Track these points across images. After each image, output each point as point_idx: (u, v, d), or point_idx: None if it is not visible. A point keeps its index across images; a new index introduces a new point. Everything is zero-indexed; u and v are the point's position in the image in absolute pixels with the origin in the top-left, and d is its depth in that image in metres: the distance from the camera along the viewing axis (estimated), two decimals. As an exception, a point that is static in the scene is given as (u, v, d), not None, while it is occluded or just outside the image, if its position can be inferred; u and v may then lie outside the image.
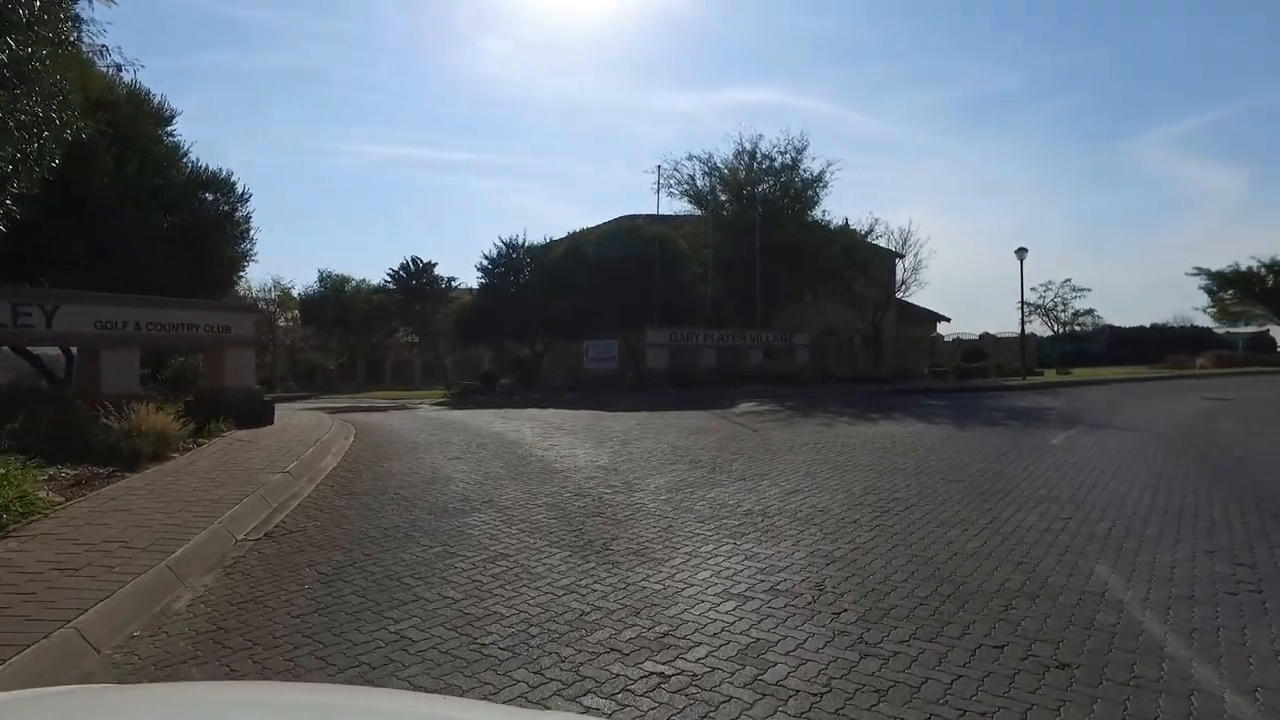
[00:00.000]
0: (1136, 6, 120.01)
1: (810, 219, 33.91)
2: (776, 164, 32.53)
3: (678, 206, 38.80)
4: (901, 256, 35.24)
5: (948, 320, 47.14)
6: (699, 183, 32.96)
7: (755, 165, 32.81)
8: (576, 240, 32.07)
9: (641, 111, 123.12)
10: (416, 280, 38.89)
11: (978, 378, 30.70)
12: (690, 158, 32.66)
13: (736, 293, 32.21)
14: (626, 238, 30.44)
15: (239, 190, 16.65)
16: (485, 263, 34.52)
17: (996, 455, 10.57)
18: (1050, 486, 8.27)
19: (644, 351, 27.48)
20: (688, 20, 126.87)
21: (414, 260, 39.19)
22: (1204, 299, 41.54)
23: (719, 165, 32.81)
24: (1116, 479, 8.71)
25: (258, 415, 13.32)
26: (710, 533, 6.35)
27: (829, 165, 32.55)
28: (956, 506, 7.31)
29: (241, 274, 19.77)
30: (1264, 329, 47.80)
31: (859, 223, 35.23)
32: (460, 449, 11.94)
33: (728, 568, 5.35)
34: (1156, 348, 42.39)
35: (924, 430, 13.57)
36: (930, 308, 47.11)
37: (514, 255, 34.86)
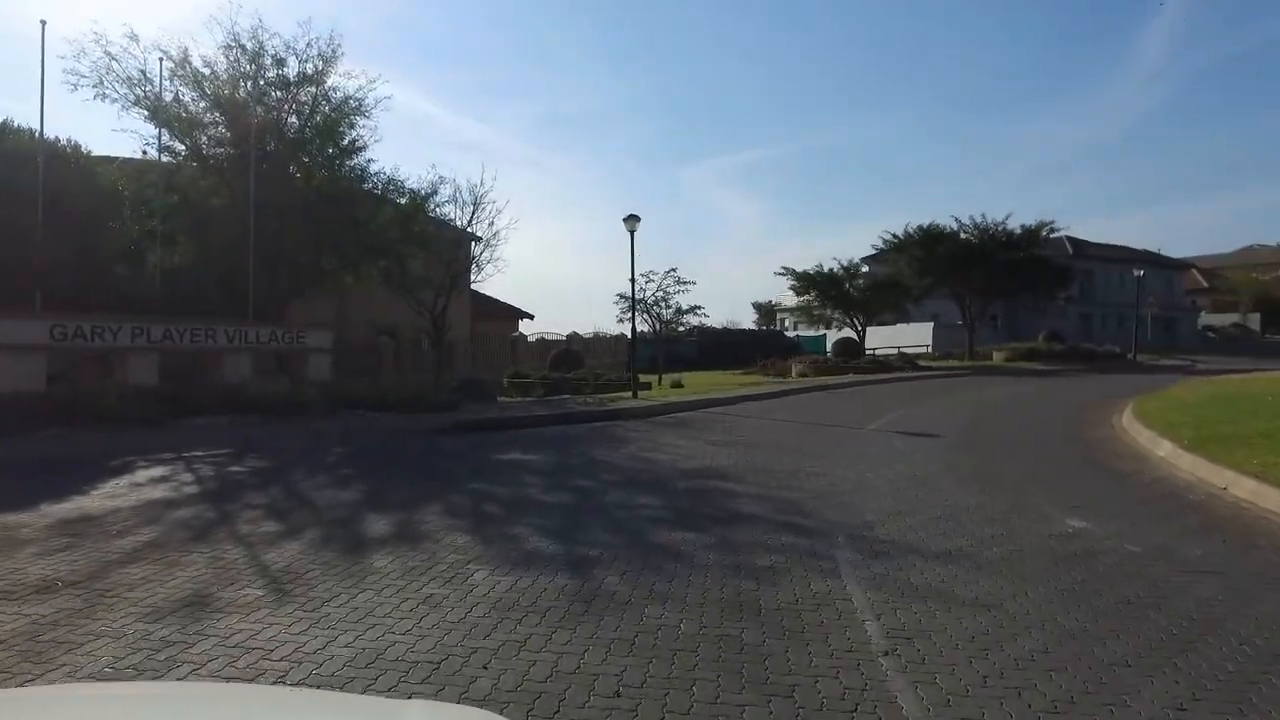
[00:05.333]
0: (690, 52, 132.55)
1: (350, 171, 23.47)
2: (292, 74, 21.42)
3: (136, 126, 25.85)
4: (478, 239, 26.55)
5: (531, 317, 40.00)
6: (164, 91, 20.35)
7: (260, 75, 21.31)
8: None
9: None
10: None
11: (572, 391, 23.16)
12: (134, 38, 19.70)
13: (228, 269, 20.57)
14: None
15: None
16: None
17: None
18: None
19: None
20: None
21: None
22: (750, 310, 40.17)
23: (198, 67, 20.62)
24: None
25: None
26: None
27: (370, 84, 22.17)
28: None
29: None
30: (822, 333, 48.89)
31: (421, 181, 25.97)
32: None
33: None
34: (745, 350, 39.91)
35: (491, 644, 4.42)
36: (512, 303, 39.56)
37: None
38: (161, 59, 19.30)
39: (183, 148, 20.93)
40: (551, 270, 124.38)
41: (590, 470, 10.09)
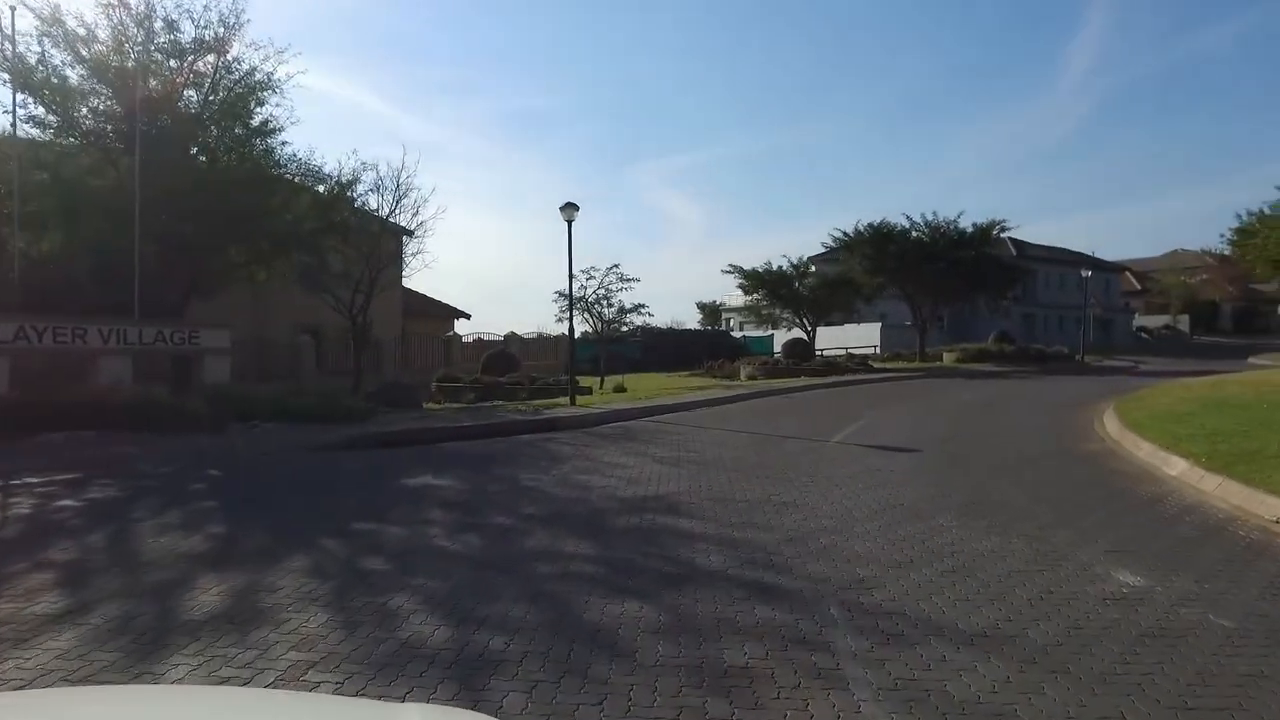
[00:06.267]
0: (641, 52, 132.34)
1: (262, 154, 21.08)
2: (187, 40, 19.04)
3: None
4: (410, 233, 24.50)
5: (467, 317, 37.91)
6: (28, 52, 17.67)
7: (150, 40, 18.88)
8: None
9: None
10: None
11: (506, 397, 21.30)
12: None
13: (112, 260, 18.10)
14: None
15: None
16: None
17: None
18: None
19: None
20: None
21: None
22: (694, 310, 39.07)
23: (74, 27, 18.07)
24: None
25: None
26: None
27: (278, 54, 19.83)
28: None
29: None
30: (769, 333, 47.65)
31: (340, 167, 23.83)
32: None
33: None
34: (691, 350, 38.63)
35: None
36: (449, 301, 37.43)
37: None
38: (13, 7, 16.75)
39: (55, 119, 18.36)
40: (495, 269, 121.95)
41: (511, 501, 8.29)
